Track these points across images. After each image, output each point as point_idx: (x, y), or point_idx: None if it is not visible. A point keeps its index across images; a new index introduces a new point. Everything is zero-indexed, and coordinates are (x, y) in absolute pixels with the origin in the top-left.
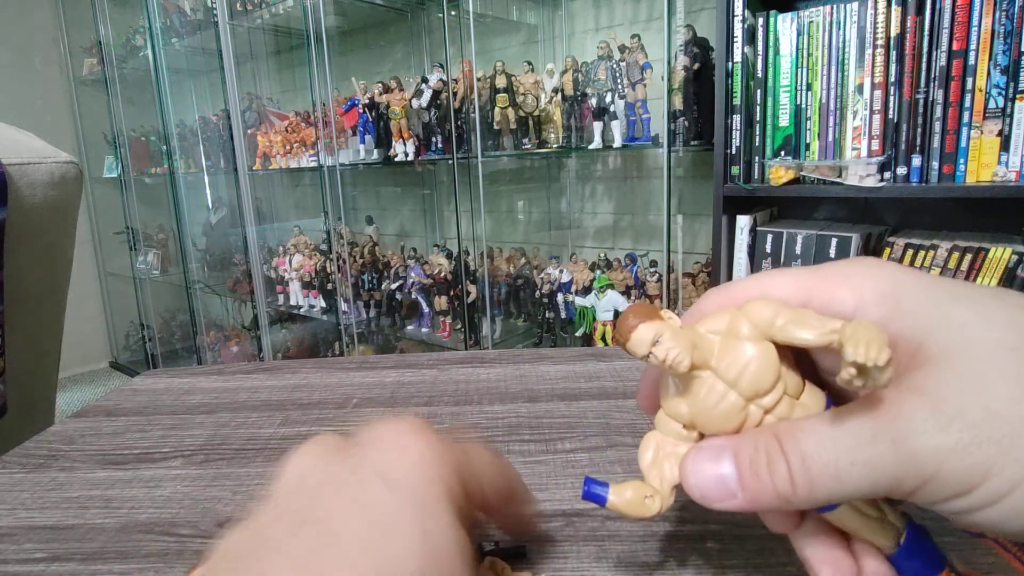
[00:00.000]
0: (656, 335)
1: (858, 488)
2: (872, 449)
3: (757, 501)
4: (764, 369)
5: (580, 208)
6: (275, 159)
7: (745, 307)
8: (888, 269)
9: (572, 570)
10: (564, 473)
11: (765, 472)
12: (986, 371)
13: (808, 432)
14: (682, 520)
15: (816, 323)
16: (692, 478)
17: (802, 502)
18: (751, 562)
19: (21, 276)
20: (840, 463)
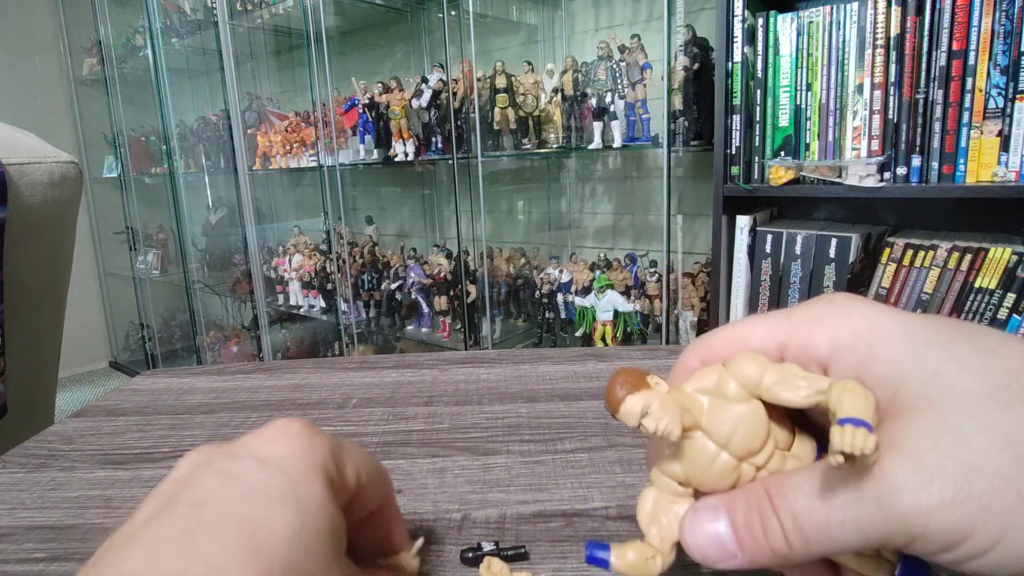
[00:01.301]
0: (644, 406)
1: (850, 544)
2: (859, 509)
3: (756, 560)
4: (753, 430)
5: (580, 208)
6: (275, 159)
7: (730, 365)
8: (862, 310)
9: (572, 570)
10: (564, 473)
11: (760, 531)
12: (962, 423)
13: (797, 490)
14: None
15: (802, 383)
16: (691, 540)
17: (799, 558)
18: None
19: (21, 276)
20: (831, 522)
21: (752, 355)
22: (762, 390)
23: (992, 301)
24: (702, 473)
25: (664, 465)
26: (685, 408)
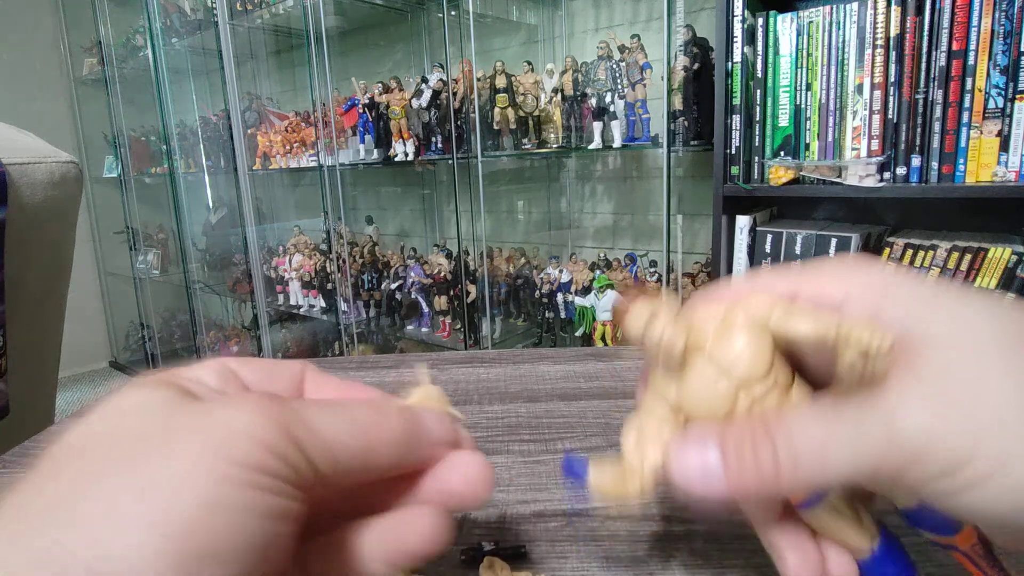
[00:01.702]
0: (652, 315)
1: (841, 471)
2: (859, 428)
3: (741, 487)
4: (758, 356)
5: (580, 208)
6: (275, 159)
7: (741, 300)
8: (876, 267)
9: (572, 570)
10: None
11: (749, 457)
12: (972, 360)
13: (795, 416)
14: (682, 520)
15: (812, 317)
16: (678, 467)
17: (786, 486)
18: (751, 562)
19: (21, 276)
20: (827, 444)
21: (762, 293)
22: (771, 323)
23: None
24: (698, 399)
25: (658, 389)
26: (691, 330)
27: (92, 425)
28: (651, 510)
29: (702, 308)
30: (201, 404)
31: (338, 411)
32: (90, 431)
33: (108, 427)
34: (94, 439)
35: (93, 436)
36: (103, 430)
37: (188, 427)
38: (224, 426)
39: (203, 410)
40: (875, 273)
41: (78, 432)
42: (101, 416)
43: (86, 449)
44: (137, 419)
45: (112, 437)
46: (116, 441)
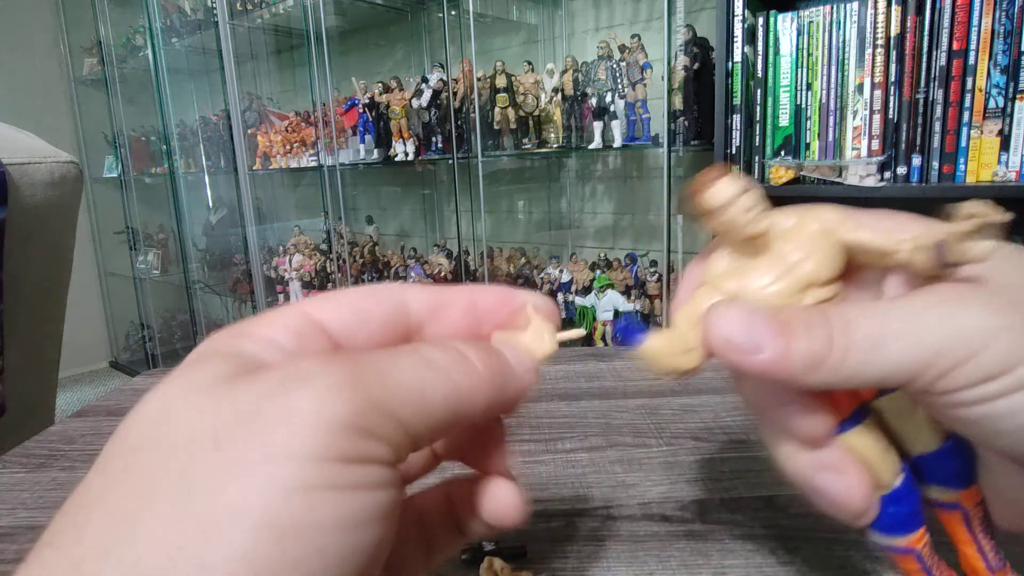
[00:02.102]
0: (741, 191)
1: (895, 360)
2: (920, 321)
3: (786, 358)
4: (830, 258)
5: (580, 208)
6: (275, 159)
7: (816, 208)
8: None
9: (572, 570)
10: (564, 473)
11: (802, 329)
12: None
13: (855, 303)
14: (683, 520)
15: (883, 231)
16: (719, 322)
17: (832, 369)
18: (751, 562)
19: (21, 276)
20: (885, 330)
21: (834, 207)
22: (843, 230)
23: None
24: (757, 292)
25: (716, 279)
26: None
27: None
28: (651, 510)
29: (773, 213)
30: (252, 386)
31: (416, 360)
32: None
33: (153, 432)
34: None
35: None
36: (150, 434)
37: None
38: (288, 414)
39: (256, 398)
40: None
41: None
42: (148, 414)
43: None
44: (182, 420)
45: (157, 449)
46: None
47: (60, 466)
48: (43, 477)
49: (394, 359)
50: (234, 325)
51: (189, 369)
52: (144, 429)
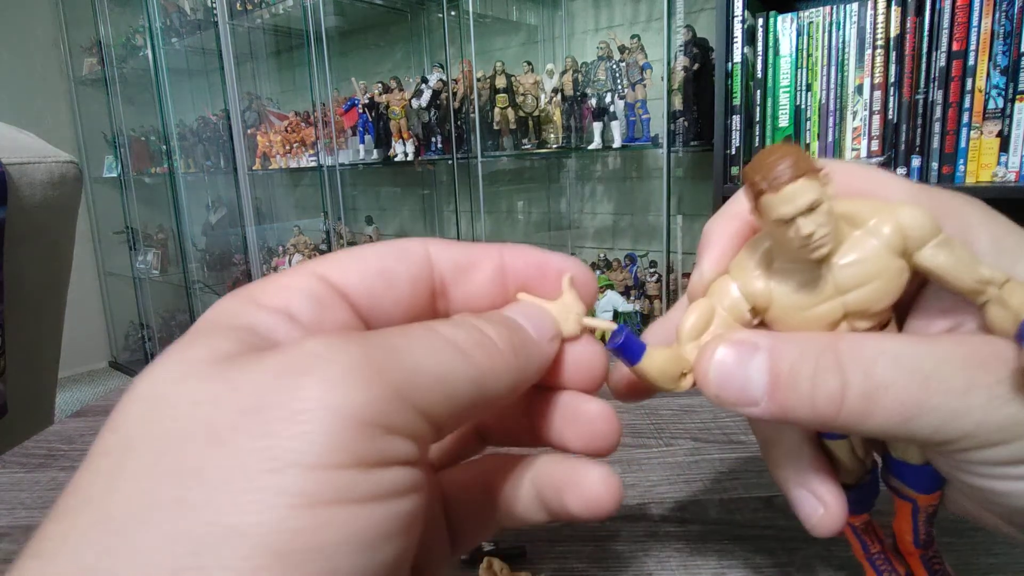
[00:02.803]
0: (816, 201)
1: (918, 435)
2: (962, 400)
3: (783, 413)
4: (887, 291)
5: (580, 208)
6: (275, 159)
7: (900, 209)
8: (1003, 222)
9: (571, 570)
10: None
11: (807, 384)
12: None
13: (886, 355)
14: (682, 520)
15: (971, 263)
16: (712, 371)
17: (841, 426)
18: (751, 562)
19: (21, 276)
20: (918, 404)
21: (926, 210)
22: (922, 252)
23: None
24: (794, 310)
25: (748, 277)
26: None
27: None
28: (651, 510)
29: (845, 200)
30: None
31: (434, 339)
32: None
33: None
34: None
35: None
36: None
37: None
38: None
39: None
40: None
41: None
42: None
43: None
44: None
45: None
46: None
47: (59, 466)
48: (42, 477)
49: (408, 339)
50: (245, 288)
51: (188, 344)
52: (136, 419)
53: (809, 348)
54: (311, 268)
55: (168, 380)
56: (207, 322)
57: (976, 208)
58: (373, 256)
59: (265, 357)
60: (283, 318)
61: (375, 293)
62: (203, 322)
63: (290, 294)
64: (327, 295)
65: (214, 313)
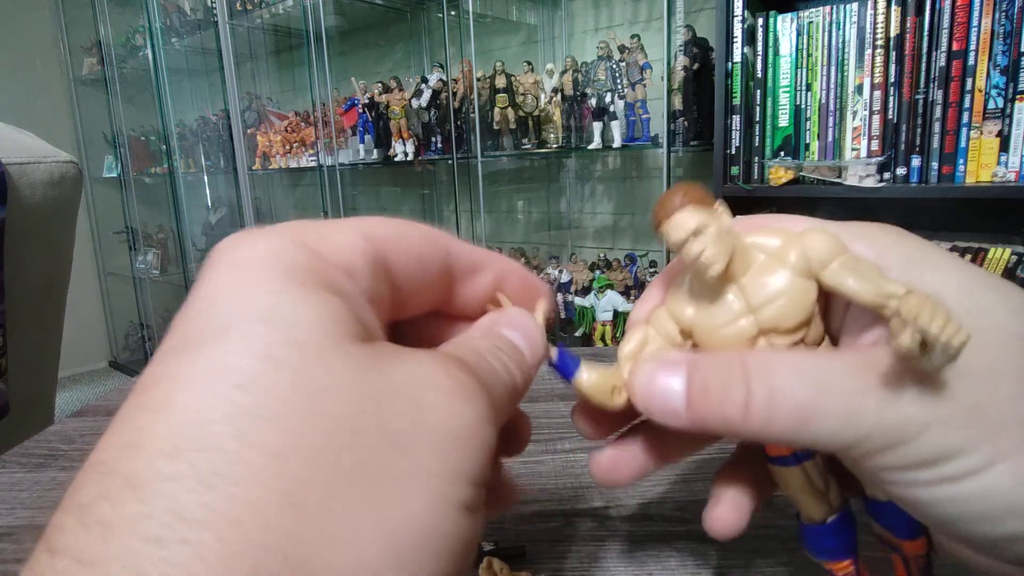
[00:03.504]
0: (701, 226)
1: (819, 438)
2: (854, 402)
3: (701, 423)
4: (795, 307)
5: (580, 208)
6: (275, 159)
7: (805, 234)
8: (914, 241)
9: (572, 570)
10: (564, 473)
11: (716, 395)
12: (996, 362)
13: (785, 365)
14: (682, 520)
15: (875, 278)
16: (640, 387)
17: (751, 433)
18: (751, 562)
19: (21, 276)
20: (817, 406)
21: (830, 233)
22: (827, 271)
23: None
24: (712, 329)
25: (675, 305)
26: (734, 255)
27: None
28: (651, 510)
29: (758, 232)
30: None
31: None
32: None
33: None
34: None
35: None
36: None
37: (409, 419)
38: (455, 426)
39: (418, 393)
40: (913, 247)
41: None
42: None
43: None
44: (331, 383)
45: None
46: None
47: (59, 466)
48: (42, 477)
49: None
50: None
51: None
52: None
53: (720, 363)
54: (360, 228)
55: (317, 340)
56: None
57: (889, 232)
58: (416, 236)
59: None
60: (350, 281)
61: (412, 274)
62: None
63: (351, 254)
64: (379, 264)
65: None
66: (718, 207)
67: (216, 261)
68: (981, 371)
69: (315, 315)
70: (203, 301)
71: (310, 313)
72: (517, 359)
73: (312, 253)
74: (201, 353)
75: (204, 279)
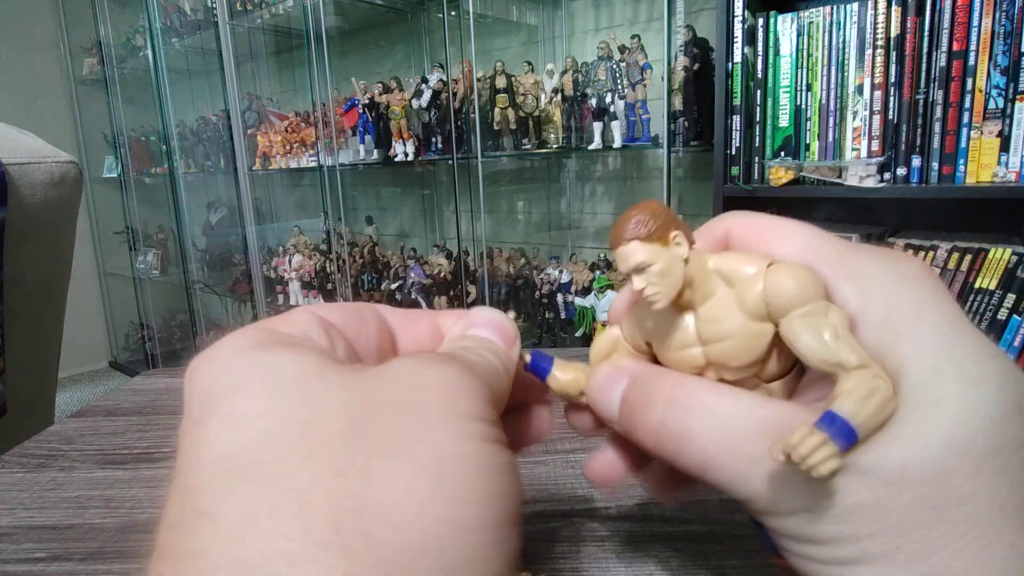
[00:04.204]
0: (645, 262)
1: (718, 485)
2: (747, 468)
3: (628, 433)
4: (744, 350)
5: (580, 208)
6: (275, 159)
7: (773, 272)
8: (914, 290)
9: (572, 570)
10: (564, 473)
11: (639, 414)
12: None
13: (703, 408)
14: (683, 520)
15: (832, 341)
16: (589, 389)
17: (662, 457)
18: (751, 562)
19: (21, 276)
20: (712, 458)
21: (806, 272)
22: (783, 322)
23: (992, 302)
24: (666, 350)
25: (639, 316)
26: (692, 282)
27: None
28: (651, 510)
29: (729, 256)
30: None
31: (484, 352)
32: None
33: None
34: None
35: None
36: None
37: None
38: (443, 383)
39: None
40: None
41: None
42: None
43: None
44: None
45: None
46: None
47: (59, 466)
48: (42, 477)
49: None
50: (257, 325)
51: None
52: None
53: (655, 383)
54: (306, 310)
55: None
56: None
57: (889, 275)
58: (347, 304)
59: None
60: (310, 340)
61: (354, 327)
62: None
63: (304, 326)
64: (328, 326)
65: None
66: (674, 237)
67: (199, 364)
68: (892, 471)
69: (294, 359)
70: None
71: (289, 360)
72: (487, 346)
73: (272, 331)
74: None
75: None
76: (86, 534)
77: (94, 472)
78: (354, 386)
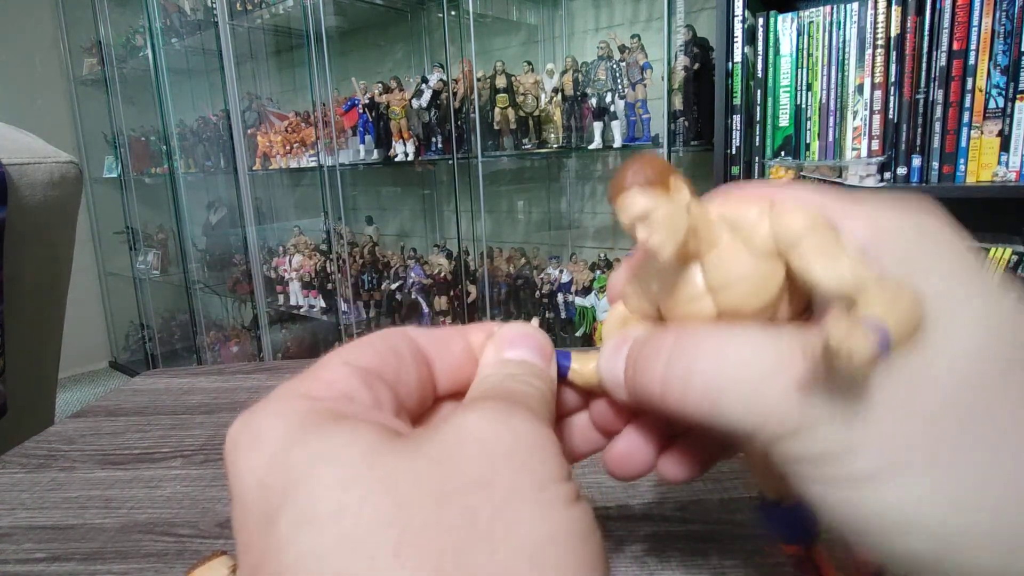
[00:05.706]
0: (647, 210)
1: (729, 422)
2: (759, 388)
3: (634, 397)
4: (756, 292)
5: (580, 208)
6: (275, 159)
7: (779, 208)
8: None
9: None
10: None
11: (642, 368)
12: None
13: (709, 345)
14: (682, 520)
15: (845, 263)
16: (600, 365)
17: (671, 409)
18: (751, 562)
19: (21, 276)
20: (722, 390)
21: (807, 210)
22: (795, 252)
23: None
24: (675, 306)
25: (643, 281)
26: (695, 231)
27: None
28: (651, 510)
29: (730, 204)
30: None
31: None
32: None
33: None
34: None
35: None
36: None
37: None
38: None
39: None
40: (928, 239)
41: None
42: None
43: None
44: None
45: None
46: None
47: (59, 466)
48: (42, 477)
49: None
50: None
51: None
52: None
53: (658, 335)
54: (341, 361)
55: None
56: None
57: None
58: (377, 339)
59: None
60: (353, 403)
61: (393, 370)
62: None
63: (344, 384)
64: (367, 377)
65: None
66: (675, 183)
67: (242, 439)
68: (918, 374)
69: (350, 442)
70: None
71: (345, 443)
72: (530, 370)
73: (314, 400)
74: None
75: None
76: (86, 534)
77: (94, 472)
78: (423, 465)
